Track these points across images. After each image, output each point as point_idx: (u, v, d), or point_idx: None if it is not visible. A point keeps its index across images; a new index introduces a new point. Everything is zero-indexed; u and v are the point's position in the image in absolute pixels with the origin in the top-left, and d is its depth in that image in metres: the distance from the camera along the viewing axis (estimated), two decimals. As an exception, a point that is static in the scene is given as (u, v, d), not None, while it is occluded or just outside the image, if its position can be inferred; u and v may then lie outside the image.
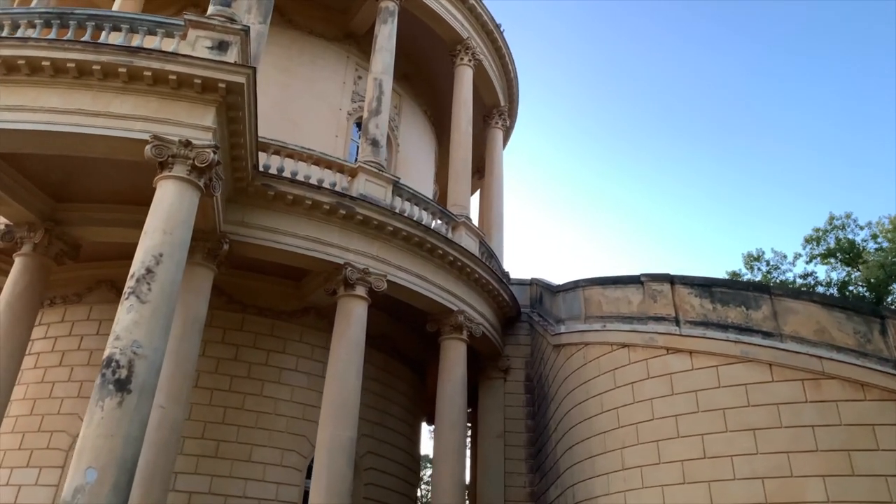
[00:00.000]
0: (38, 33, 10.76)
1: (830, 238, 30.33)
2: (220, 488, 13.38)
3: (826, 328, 10.78)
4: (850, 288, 29.07)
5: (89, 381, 13.31)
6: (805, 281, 30.62)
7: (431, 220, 16.24)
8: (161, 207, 9.99)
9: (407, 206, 15.68)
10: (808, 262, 30.93)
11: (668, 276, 12.96)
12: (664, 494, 10.94)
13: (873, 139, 67.96)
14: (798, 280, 30.84)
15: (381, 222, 14.49)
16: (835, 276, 30.00)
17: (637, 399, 12.09)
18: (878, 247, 28.82)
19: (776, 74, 76.95)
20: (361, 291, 14.02)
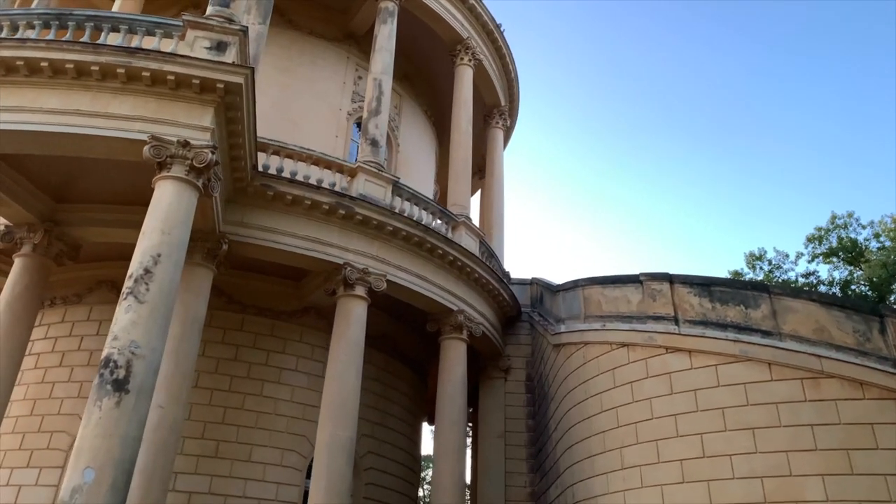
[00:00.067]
0: (36, 34, 10.77)
1: (833, 237, 30.29)
2: (219, 488, 13.40)
3: (825, 327, 10.76)
4: (852, 287, 29.00)
5: (89, 381, 13.11)
6: (807, 280, 30.55)
7: (431, 219, 16.24)
8: (159, 208, 10.00)
9: (407, 205, 15.69)
10: (810, 262, 30.92)
11: (667, 276, 12.94)
12: (663, 494, 10.93)
13: (875, 139, 67.89)
14: (800, 279, 30.78)
15: (380, 222, 14.49)
16: (837, 276, 29.96)
17: (636, 398, 12.08)
18: (881, 246, 28.76)
19: (776, 74, 76.95)
20: (361, 291, 14.03)
